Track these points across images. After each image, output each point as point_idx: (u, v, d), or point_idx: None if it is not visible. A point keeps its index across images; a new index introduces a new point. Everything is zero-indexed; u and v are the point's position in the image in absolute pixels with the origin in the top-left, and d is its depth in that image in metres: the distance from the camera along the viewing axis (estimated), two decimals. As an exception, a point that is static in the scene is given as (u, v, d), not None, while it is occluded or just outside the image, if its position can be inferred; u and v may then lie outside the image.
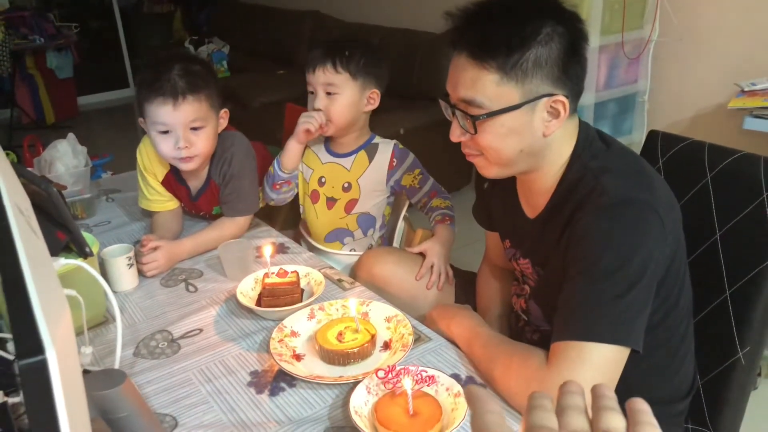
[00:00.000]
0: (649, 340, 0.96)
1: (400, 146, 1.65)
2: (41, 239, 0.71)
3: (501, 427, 0.42)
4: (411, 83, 3.61)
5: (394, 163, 1.62)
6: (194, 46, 5.40)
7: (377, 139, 1.66)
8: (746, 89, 2.20)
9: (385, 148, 1.63)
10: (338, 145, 1.65)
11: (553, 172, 1.07)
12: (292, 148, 1.60)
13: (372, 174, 1.63)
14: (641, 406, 0.43)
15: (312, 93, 1.57)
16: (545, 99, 0.99)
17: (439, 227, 1.58)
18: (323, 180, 1.66)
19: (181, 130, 1.45)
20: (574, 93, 1.02)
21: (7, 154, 2.23)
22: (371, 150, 1.64)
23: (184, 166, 1.52)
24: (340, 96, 1.53)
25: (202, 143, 1.48)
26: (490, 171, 1.10)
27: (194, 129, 1.46)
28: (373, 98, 1.58)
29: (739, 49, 2.50)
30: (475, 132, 1.02)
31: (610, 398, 0.43)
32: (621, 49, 2.72)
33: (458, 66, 1.02)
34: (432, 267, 1.49)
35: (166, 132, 1.46)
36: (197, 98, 1.44)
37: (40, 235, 0.72)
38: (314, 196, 1.69)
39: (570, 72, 0.99)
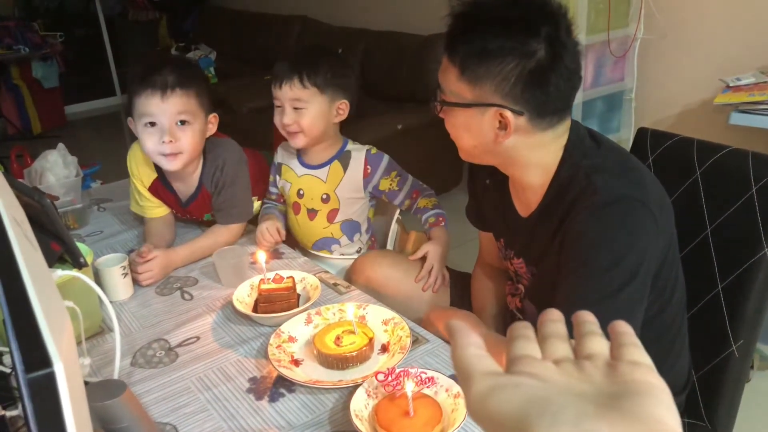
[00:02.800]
0: (645, 335, 0.96)
1: (373, 151, 1.62)
2: (39, 251, 0.71)
3: (483, 358, 0.40)
4: (399, 86, 3.62)
5: (369, 170, 1.60)
6: (180, 53, 5.38)
7: (350, 146, 1.63)
8: (731, 85, 2.23)
9: (358, 155, 1.61)
10: (311, 156, 1.63)
11: (541, 171, 1.08)
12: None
13: (348, 183, 1.61)
14: (623, 328, 0.42)
15: (279, 107, 1.54)
16: (494, 108, 1.01)
17: (435, 230, 1.57)
18: (301, 192, 1.65)
19: (168, 123, 1.44)
20: (536, 113, 1.01)
21: (-4, 166, 2.22)
22: (344, 159, 1.61)
23: (168, 165, 1.50)
24: (308, 111, 1.51)
25: (188, 140, 1.47)
26: (460, 154, 1.15)
27: (181, 124, 1.46)
28: (342, 109, 1.55)
29: (724, 45, 2.53)
30: (438, 112, 1.10)
31: (592, 323, 0.43)
32: (607, 47, 2.74)
33: (444, 54, 1.07)
34: (431, 269, 1.49)
35: (153, 125, 1.45)
36: (186, 92, 1.45)
37: (37, 247, 0.72)
38: (295, 208, 1.68)
39: (528, 93, 0.99)
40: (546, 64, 0.97)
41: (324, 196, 1.63)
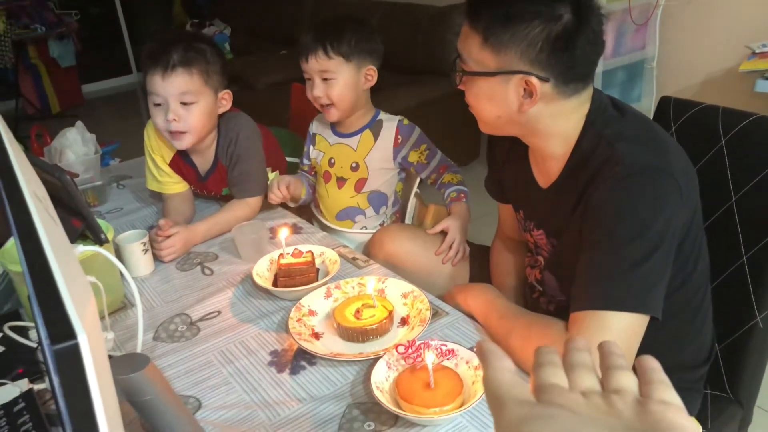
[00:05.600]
0: (668, 306, 0.96)
1: (405, 122, 1.63)
2: (60, 226, 0.72)
3: (517, 385, 0.41)
4: (414, 58, 3.58)
5: (399, 140, 1.61)
6: (195, 30, 5.37)
7: (382, 116, 1.65)
8: (757, 51, 2.17)
9: (390, 125, 1.62)
10: (344, 125, 1.65)
11: (563, 140, 1.06)
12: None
13: (378, 153, 1.62)
14: (652, 364, 0.42)
15: (309, 80, 1.56)
16: (519, 76, 0.99)
17: (456, 205, 1.56)
18: (333, 161, 1.67)
19: (171, 102, 1.45)
20: (562, 79, 0.99)
21: (16, 145, 2.23)
22: (376, 128, 1.62)
23: (176, 143, 1.52)
24: (337, 81, 1.53)
25: (193, 119, 1.47)
26: (480, 126, 1.13)
27: (185, 104, 1.46)
28: (370, 75, 1.57)
29: (750, 10, 2.46)
30: (458, 84, 1.08)
31: (619, 356, 0.43)
32: (628, 15, 2.68)
33: (465, 21, 1.05)
34: (452, 243, 1.49)
35: (159, 104, 1.47)
36: (188, 72, 1.44)
37: (59, 223, 0.73)
38: (326, 176, 1.70)
39: (555, 58, 0.97)
40: (572, 27, 0.95)
41: (353, 165, 1.64)
